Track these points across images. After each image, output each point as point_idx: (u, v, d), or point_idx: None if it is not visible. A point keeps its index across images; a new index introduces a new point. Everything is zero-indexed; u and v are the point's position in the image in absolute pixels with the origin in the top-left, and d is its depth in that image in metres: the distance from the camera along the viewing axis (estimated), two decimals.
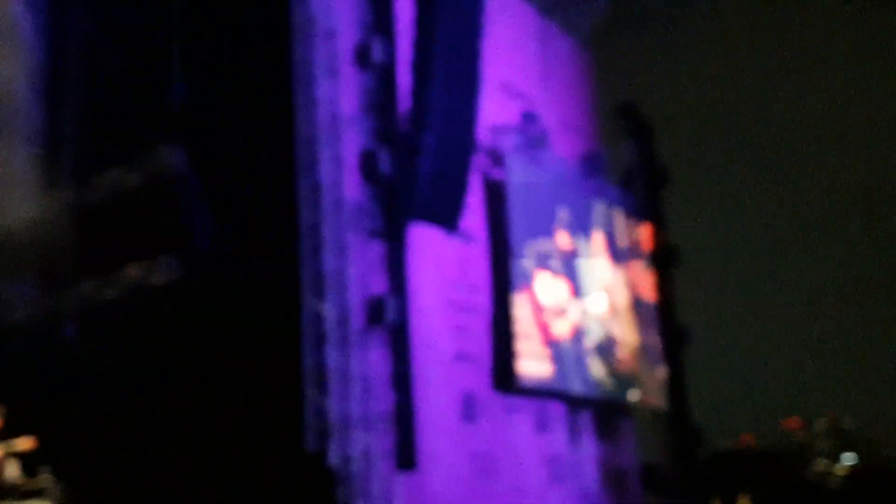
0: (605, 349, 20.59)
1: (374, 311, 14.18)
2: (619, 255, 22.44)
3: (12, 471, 12.97)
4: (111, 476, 15.20)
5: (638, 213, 23.73)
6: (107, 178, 16.19)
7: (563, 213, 20.33)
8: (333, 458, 13.44)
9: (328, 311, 13.84)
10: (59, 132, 17.75)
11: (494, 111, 19.18)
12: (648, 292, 23.56)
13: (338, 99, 14.53)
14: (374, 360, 14.09)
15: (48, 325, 16.66)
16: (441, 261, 16.77)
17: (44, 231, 17.01)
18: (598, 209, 21.97)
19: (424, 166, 14.79)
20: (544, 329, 18.56)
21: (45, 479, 12.97)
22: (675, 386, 23.20)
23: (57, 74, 18.13)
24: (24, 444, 13.07)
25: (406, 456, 13.92)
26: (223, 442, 14.35)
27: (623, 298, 22.19)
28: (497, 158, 18.72)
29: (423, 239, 16.23)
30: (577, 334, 19.72)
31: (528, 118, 19.65)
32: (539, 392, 18.30)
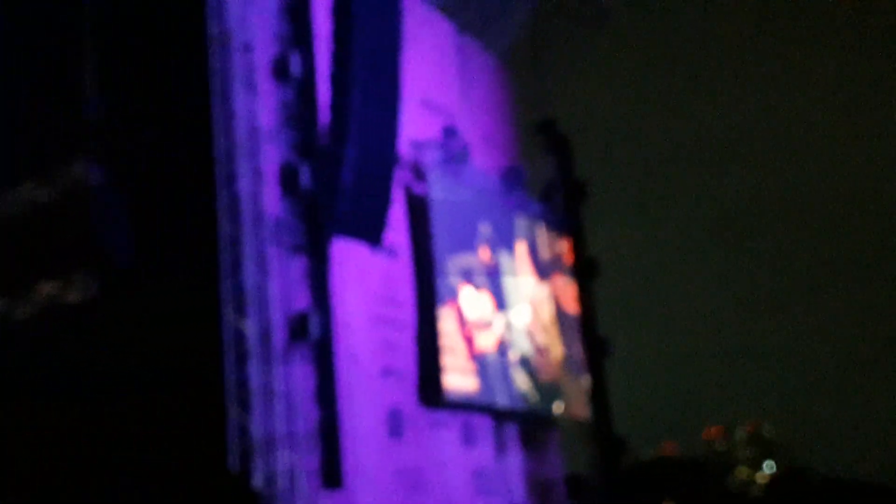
0: (530, 362, 20.69)
1: (297, 327, 14.01)
2: (541, 268, 22.62)
3: None
4: (29, 497, 14.82)
5: (559, 226, 23.98)
6: (20, 193, 15.80)
7: (485, 228, 20.42)
8: (258, 478, 13.19)
9: (250, 327, 13.61)
10: None
11: (415, 126, 19.22)
12: (571, 304, 23.79)
13: (256, 112, 14.38)
14: (297, 376, 13.91)
15: None
16: (365, 276, 16.67)
17: None
18: (521, 223, 22.14)
19: (346, 180, 14.70)
20: (469, 343, 18.58)
21: None
22: (598, 396, 23.40)
23: None
24: None
25: (332, 474, 13.76)
26: (144, 463, 14.04)
27: (546, 311, 22.35)
28: (419, 173, 18.75)
29: (347, 254, 16.11)
30: (502, 347, 19.79)
31: (449, 133, 19.73)
32: (465, 406, 18.29)
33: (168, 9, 15.40)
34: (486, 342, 19.25)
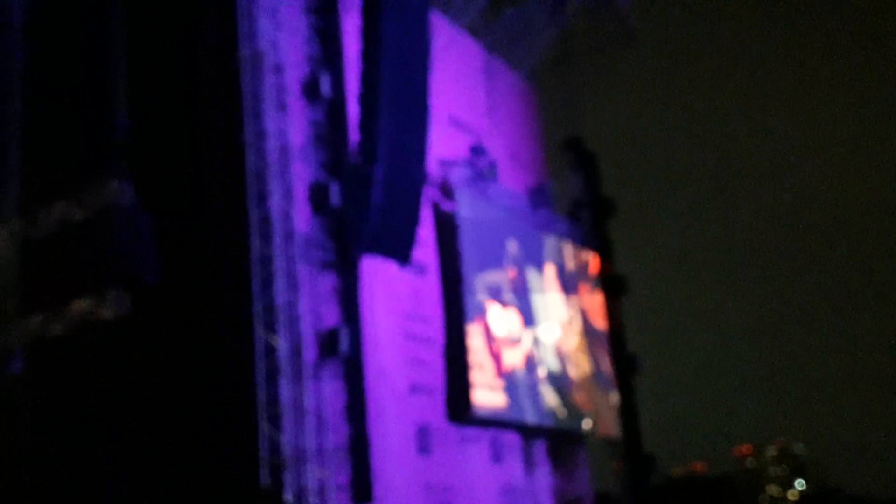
0: (558, 378, 20.73)
1: (328, 343, 14.15)
2: (569, 285, 22.68)
3: None
4: None
5: (586, 243, 24.05)
6: (53, 213, 16.05)
7: (513, 245, 20.55)
8: (289, 493, 13.31)
9: (280, 343, 13.76)
10: (4, 166, 17.59)
11: (443, 145, 19.42)
12: (599, 321, 23.82)
13: (287, 132, 14.59)
14: (327, 392, 14.04)
15: None
16: (394, 293, 16.83)
17: None
18: (548, 240, 22.24)
19: (375, 199, 14.86)
20: (497, 360, 18.66)
21: None
22: (627, 413, 23.39)
23: (1, 108, 17.99)
24: None
25: (362, 489, 13.84)
26: (177, 477, 14.18)
27: (575, 328, 22.40)
28: (447, 191, 18.92)
29: (376, 271, 16.28)
30: (530, 364, 19.85)
31: (477, 151, 19.89)
32: (493, 422, 18.36)
33: (200, 30, 15.66)
34: (515, 359, 19.32)
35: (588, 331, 22.93)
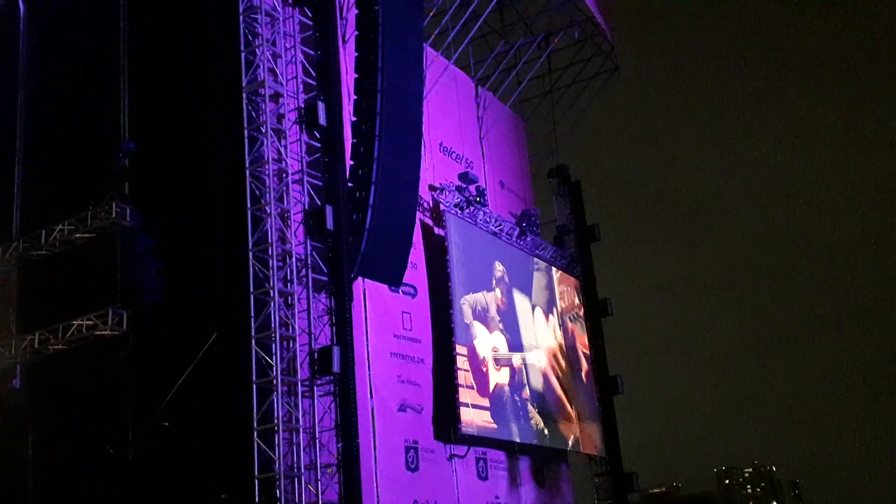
0: (542, 398, 21.19)
1: (320, 362, 14.51)
2: (554, 308, 23.20)
3: None
4: None
5: (571, 267, 24.63)
6: (56, 233, 16.31)
7: (500, 269, 21.07)
8: None
9: (275, 362, 14.11)
10: (6, 186, 17.94)
11: (435, 171, 20.01)
12: (583, 343, 24.35)
13: (284, 157, 15.04)
14: (320, 410, 14.41)
15: None
16: (385, 314, 17.29)
17: None
18: (535, 265, 22.78)
19: (368, 223, 15.33)
20: (484, 380, 19.11)
21: None
22: (609, 433, 23.91)
23: (5, 129, 18.33)
24: None
25: None
26: (172, 493, 14.46)
27: (559, 350, 22.89)
28: (438, 216, 19.44)
29: (368, 292, 16.78)
30: (516, 384, 20.30)
31: (467, 178, 20.41)
32: (480, 441, 18.79)
33: (203, 58, 16.13)
34: (501, 379, 19.78)
35: (572, 352, 23.44)
